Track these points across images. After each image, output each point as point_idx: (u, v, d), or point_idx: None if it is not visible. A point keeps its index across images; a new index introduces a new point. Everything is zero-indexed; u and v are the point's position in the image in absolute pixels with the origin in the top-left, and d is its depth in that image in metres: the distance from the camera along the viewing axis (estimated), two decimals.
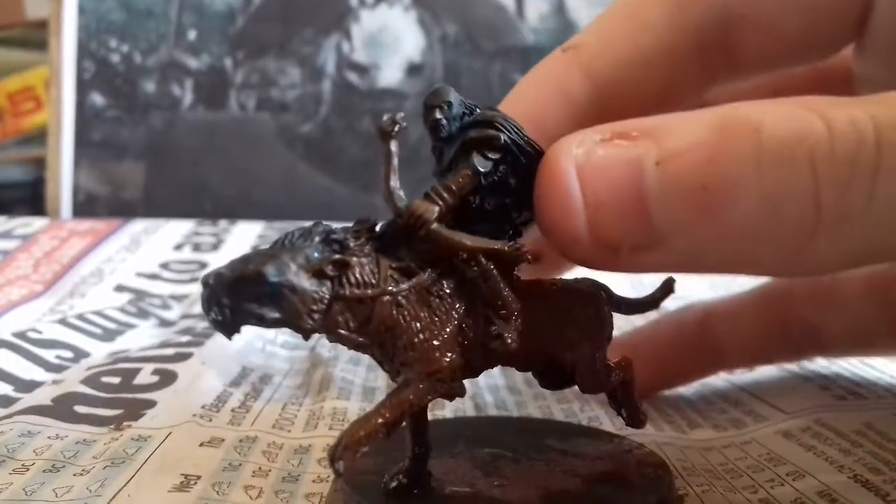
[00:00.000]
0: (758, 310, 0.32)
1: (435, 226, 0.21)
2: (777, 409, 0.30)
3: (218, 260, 0.54)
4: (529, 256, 0.21)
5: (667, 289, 0.25)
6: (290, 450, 0.27)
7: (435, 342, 0.21)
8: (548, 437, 0.26)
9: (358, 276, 0.20)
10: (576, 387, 0.23)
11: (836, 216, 0.18)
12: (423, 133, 0.22)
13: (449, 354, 0.21)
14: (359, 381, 0.34)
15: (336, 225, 0.21)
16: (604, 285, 0.23)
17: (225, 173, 0.67)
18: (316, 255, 0.19)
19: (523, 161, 0.21)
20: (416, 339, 0.20)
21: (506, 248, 0.21)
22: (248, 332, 0.40)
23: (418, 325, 0.21)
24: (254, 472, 0.25)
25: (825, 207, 0.18)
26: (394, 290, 0.20)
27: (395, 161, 0.21)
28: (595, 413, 0.31)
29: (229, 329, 0.19)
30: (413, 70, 0.68)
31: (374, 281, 0.20)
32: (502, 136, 0.21)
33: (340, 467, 0.20)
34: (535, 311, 0.22)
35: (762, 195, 0.18)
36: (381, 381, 0.34)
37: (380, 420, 0.20)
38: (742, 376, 0.34)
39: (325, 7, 0.69)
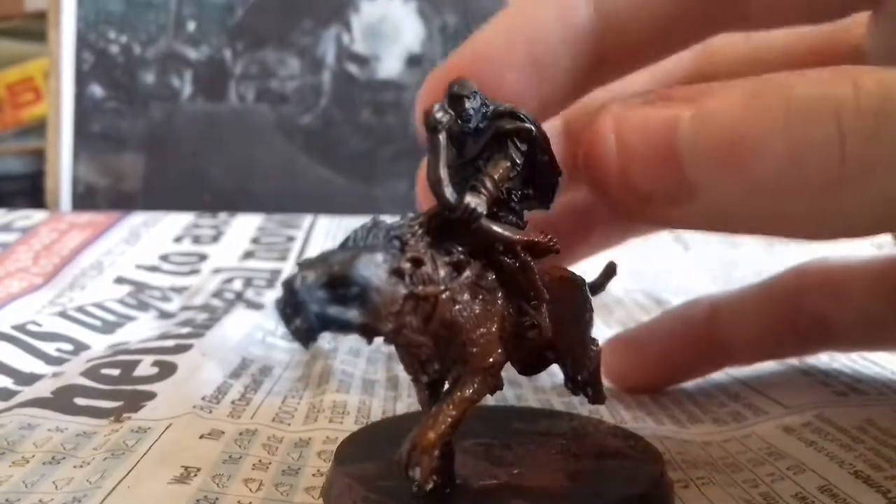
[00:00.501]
0: (765, 303, 0.32)
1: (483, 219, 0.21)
2: (777, 404, 0.30)
3: (218, 252, 0.54)
4: (558, 247, 0.22)
5: (609, 272, 0.26)
6: (290, 443, 0.27)
7: (489, 337, 0.21)
8: (514, 421, 0.26)
9: (425, 273, 0.20)
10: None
11: (862, 166, 0.19)
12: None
13: (499, 349, 0.21)
14: (358, 374, 0.34)
15: (388, 219, 0.20)
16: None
17: (224, 165, 0.67)
18: (386, 253, 0.19)
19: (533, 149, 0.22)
20: (473, 335, 0.20)
21: (540, 240, 0.21)
22: (248, 323, 0.40)
23: (474, 320, 0.20)
24: (254, 464, 0.25)
25: (850, 157, 0.19)
26: (453, 286, 0.20)
27: (444, 153, 0.20)
28: (595, 406, 0.31)
29: (310, 337, 0.18)
30: (413, 61, 0.68)
31: (435, 278, 0.20)
32: (532, 128, 0.21)
33: (416, 474, 0.20)
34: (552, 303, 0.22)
35: (789, 148, 0.19)
36: (380, 374, 0.34)
37: (448, 419, 0.20)
38: (742, 370, 0.34)
39: None
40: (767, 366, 0.34)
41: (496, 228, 0.21)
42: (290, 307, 0.17)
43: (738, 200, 0.20)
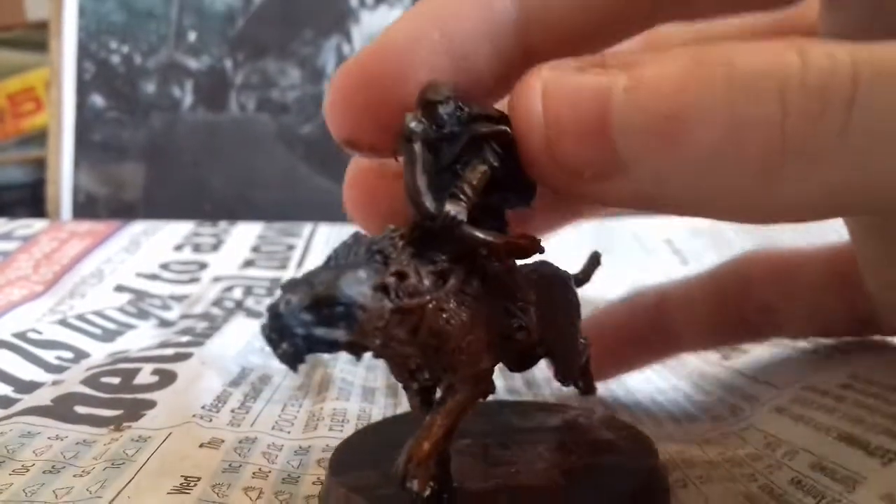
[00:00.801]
0: (713, 292, 0.32)
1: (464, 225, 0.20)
2: (769, 385, 0.30)
3: (218, 260, 0.54)
4: (544, 248, 0.21)
5: (593, 262, 0.26)
6: (290, 451, 0.27)
7: (478, 343, 0.21)
8: (508, 416, 0.26)
9: (410, 285, 0.19)
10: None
11: (804, 148, 0.17)
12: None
13: (488, 353, 0.21)
14: (358, 382, 0.34)
15: (368, 235, 0.20)
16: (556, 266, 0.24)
17: (225, 174, 0.67)
18: (369, 269, 0.19)
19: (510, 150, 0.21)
20: (463, 343, 0.20)
21: (523, 242, 0.21)
22: (248, 332, 0.40)
23: (462, 328, 0.20)
24: (254, 473, 0.25)
25: (791, 137, 0.17)
26: (439, 295, 0.20)
27: (420, 163, 0.20)
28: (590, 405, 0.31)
29: (298, 359, 0.18)
30: None
31: (421, 288, 0.20)
32: (510, 131, 0.21)
33: (414, 486, 0.19)
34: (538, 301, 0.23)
35: (728, 125, 0.18)
36: (380, 382, 0.34)
37: (442, 430, 0.20)
38: (737, 359, 0.34)
39: (325, 8, 0.69)
40: (761, 350, 0.34)
41: (478, 234, 0.20)
42: (276, 332, 0.17)
43: (671, 177, 0.19)
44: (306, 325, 0.17)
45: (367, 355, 0.35)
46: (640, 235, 0.61)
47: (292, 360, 0.18)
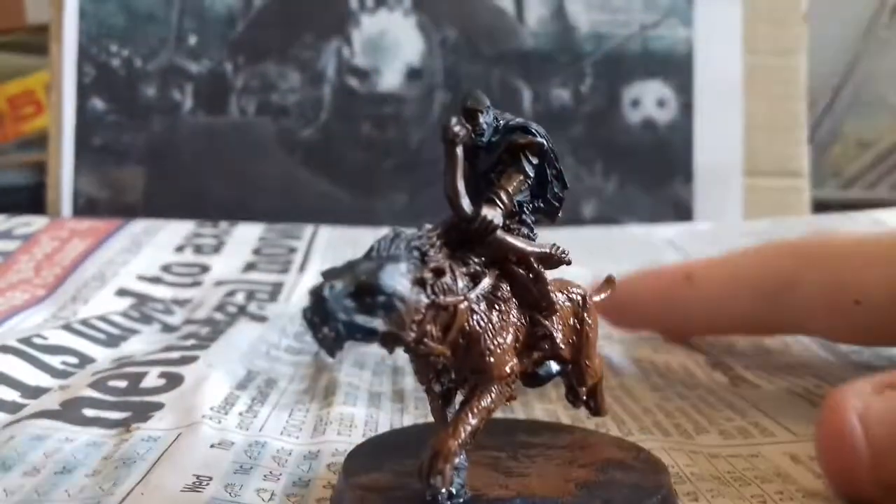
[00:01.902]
0: (750, 272, 0.34)
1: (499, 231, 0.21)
2: (786, 430, 0.30)
3: (220, 262, 0.54)
4: (570, 259, 0.22)
5: (608, 285, 0.27)
6: (300, 455, 0.27)
7: (505, 347, 0.21)
8: (516, 433, 0.26)
9: (446, 283, 0.20)
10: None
11: None
12: (425, 137, 0.22)
13: (514, 358, 0.21)
14: (364, 386, 0.34)
15: (408, 231, 0.21)
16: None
17: (225, 178, 0.67)
18: (409, 263, 0.19)
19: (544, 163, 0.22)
20: (492, 345, 0.21)
21: (553, 252, 0.22)
22: (252, 335, 0.40)
23: (491, 330, 0.21)
24: (265, 475, 0.25)
25: None
26: (471, 296, 0.20)
27: (461, 166, 0.21)
28: (601, 419, 0.31)
29: (337, 346, 0.18)
30: (413, 74, 0.69)
31: (454, 288, 0.20)
32: (545, 142, 0.22)
33: (438, 482, 0.20)
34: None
35: None
36: (386, 387, 0.35)
37: (468, 428, 0.20)
38: (747, 389, 0.34)
39: (325, 12, 0.69)
40: (776, 392, 0.34)
41: (511, 240, 0.21)
42: (318, 316, 0.18)
43: None
44: (348, 311, 0.18)
45: (372, 361, 0.35)
46: (641, 238, 0.61)
47: (332, 345, 0.18)
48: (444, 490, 0.20)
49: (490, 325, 0.21)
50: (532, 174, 0.22)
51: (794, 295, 0.32)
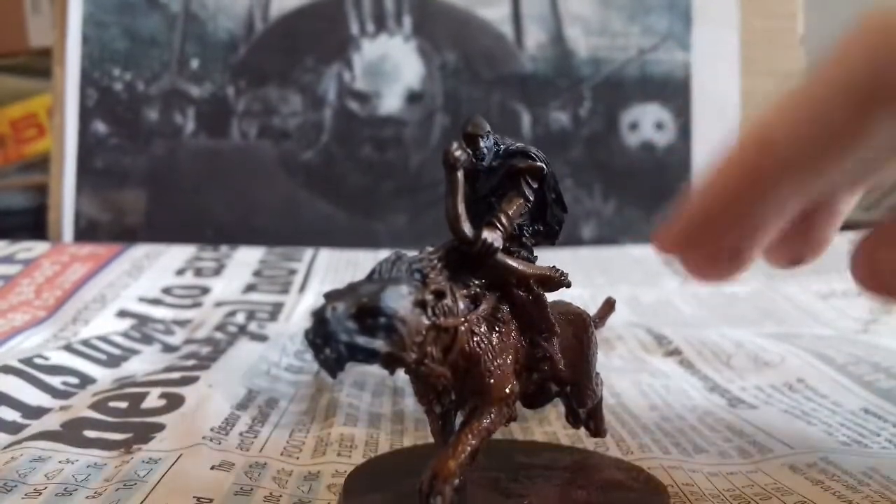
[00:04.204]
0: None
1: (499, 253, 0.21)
2: (783, 444, 0.30)
3: (220, 284, 0.54)
4: (570, 282, 0.22)
5: (608, 308, 0.27)
6: (300, 476, 0.27)
7: (505, 368, 0.21)
8: (516, 454, 0.26)
9: (446, 305, 0.20)
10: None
11: None
12: (425, 159, 0.23)
13: (514, 380, 0.22)
14: (364, 407, 0.34)
15: (409, 254, 0.21)
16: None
17: (226, 200, 0.68)
18: (410, 285, 0.19)
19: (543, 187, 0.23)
20: (491, 367, 0.21)
21: (552, 274, 0.22)
22: (253, 355, 0.40)
23: (491, 351, 0.21)
24: (265, 497, 0.25)
25: None
26: (471, 318, 0.21)
27: (461, 190, 0.21)
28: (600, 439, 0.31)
29: (339, 366, 0.18)
30: (413, 98, 0.69)
31: (455, 310, 0.20)
32: (544, 166, 0.22)
33: (438, 502, 0.20)
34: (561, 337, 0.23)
35: None
36: (386, 408, 0.35)
37: (468, 449, 0.20)
38: (745, 410, 0.34)
39: (326, 36, 0.69)
40: (771, 411, 0.34)
41: (511, 262, 0.22)
42: (321, 337, 0.18)
43: None
44: (350, 332, 0.18)
45: (372, 381, 0.35)
46: (640, 259, 0.62)
47: (333, 366, 0.18)
48: None
49: (490, 347, 0.21)
50: (532, 198, 0.22)
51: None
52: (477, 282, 0.21)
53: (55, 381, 0.36)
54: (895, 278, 0.24)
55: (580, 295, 0.44)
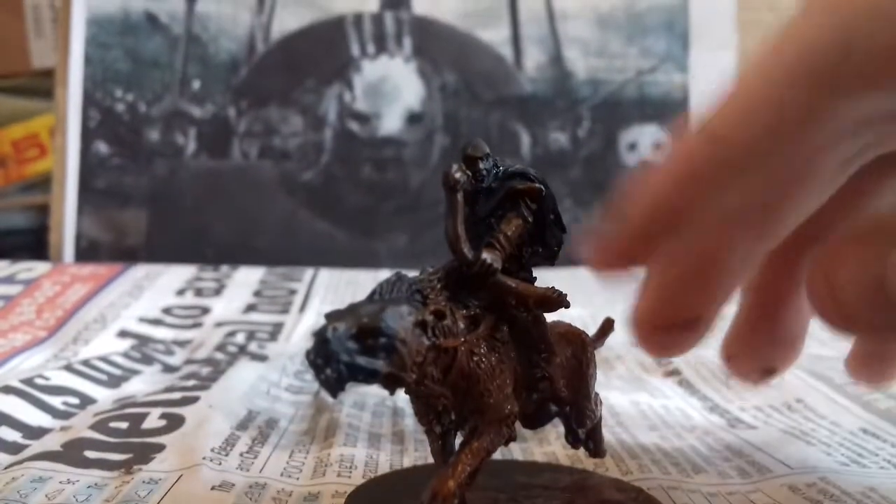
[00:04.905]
0: None
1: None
2: (782, 464, 0.30)
3: (220, 304, 0.54)
4: (569, 302, 0.22)
5: (606, 329, 0.27)
6: (300, 497, 0.27)
7: (505, 388, 0.21)
8: (516, 474, 0.27)
9: (446, 325, 0.20)
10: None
11: None
12: (424, 180, 0.23)
13: (513, 400, 0.22)
14: (364, 427, 0.34)
15: (410, 274, 0.21)
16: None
17: (227, 220, 0.68)
18: (410, 306, 0.20)
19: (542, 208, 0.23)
20: (491, 387, 0.21)
21: (553, 295, 0.22)
22: (253, 375, 0.40)
23: (491, 372, 0.21)
24: None
25: None
26: (471, 338, 0.21)
27: (461, 212, 0.21)
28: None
29: (339, 386, 0.18)
30: (413, 119, 0.70)
31: (455, 330, 0.21)
32: (543, 188, 0.22)
33: None
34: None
35: None
36: (386, 428, 0.35)
37: (467, 469, 0.20)
38: (745, 430, 0.35)
39: (327, 57, 0.70)
40: (770, 430, 0.34)
41: (510, 283, 0.22)
42: (321, 357, 0.18)
43: None
44: (350, 352, 0.18)
45: (372, 402, 0.35)
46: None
47: (334, 386, 0.18)
48: None
49: (490, 367, 0.21)
50: (531, 219, 0.23)
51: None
52: (476, 302, 0.22)
53: (56, 401, 0.36)
54: (860, 306, 0.21)
55: (580, 315, 0.44)
